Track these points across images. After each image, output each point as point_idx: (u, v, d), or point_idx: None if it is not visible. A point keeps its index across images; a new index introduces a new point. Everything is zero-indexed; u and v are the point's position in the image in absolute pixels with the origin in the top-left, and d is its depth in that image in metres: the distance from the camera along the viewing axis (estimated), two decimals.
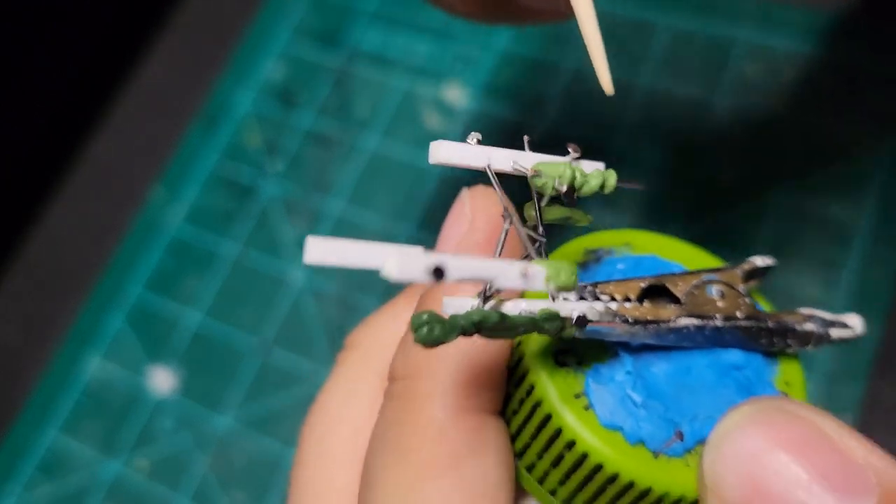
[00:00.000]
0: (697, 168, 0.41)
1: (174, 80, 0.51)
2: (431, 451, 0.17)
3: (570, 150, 0.18)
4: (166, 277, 0.45)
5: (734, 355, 0.18)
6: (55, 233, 0.49)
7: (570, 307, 0.16)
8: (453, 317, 0.14)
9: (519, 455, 0.18)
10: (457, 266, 0.13)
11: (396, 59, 0.47)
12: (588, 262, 0.19)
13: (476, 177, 0.44)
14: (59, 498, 0.41)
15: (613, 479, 0.16)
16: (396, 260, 0.13)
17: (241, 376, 0.42)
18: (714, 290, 0.18)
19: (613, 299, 0.17)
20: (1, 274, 0.48)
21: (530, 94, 0.44)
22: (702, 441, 0.16)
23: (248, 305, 0.43)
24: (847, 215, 0.38)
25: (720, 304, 0.18)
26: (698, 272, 0.18)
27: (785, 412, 0.15)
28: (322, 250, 0.13)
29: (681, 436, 0.16)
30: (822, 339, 0.19)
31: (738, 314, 0.18)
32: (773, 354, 0.18)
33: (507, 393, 0.18)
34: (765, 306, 0.19)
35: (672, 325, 0.17)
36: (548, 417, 0.17)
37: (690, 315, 0.17)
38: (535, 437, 0.17)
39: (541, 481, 0.17)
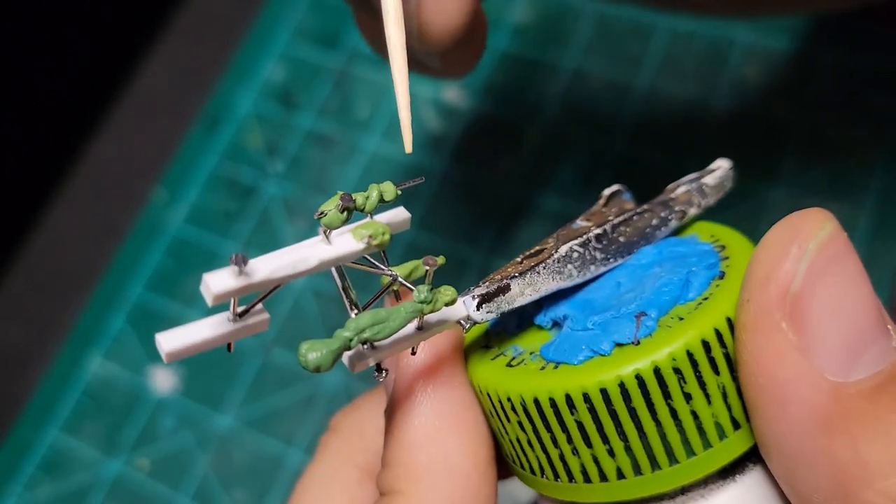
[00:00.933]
0: (696, 168, 0.41)
1: (175, 82, 0.51)
2: None
3: (426, 266, 0.17)
4: (167, 278, 0.45)
5: (647, 253, 0.18)
6: (57, 233, 0.49)
7: (461, 299, 0.17)
8: (335, 335, 0.15)
9: (507, 455, 0.18)
10: (262, 265, 0.15)
11: None
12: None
13: (476, 177, 0.44)
14: (61, 497, 0.41)
15: (622, 386, 0.16)
16: (207, 283, 0.14)
17: (241, 376, 0.42)
18: (579, 221, 0.19)
19: (500, 277, 0.18)
20: (2, 274, 0.48)
21: (530, 94, 0.45)
22: (660, 308, 0.16)
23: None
24: (846, 215, 0.38)
25: (587, 223, 0.19)
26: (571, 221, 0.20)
27: (852, 249, 0.15)
28: (169, 345, 0.14)
29: (642, 315, 0.16)
30: (702, 192, 0.20)
31: (610, 218, 0.19)
32: (678, 231, 0.19)
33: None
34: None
35: (556, 255, 0.18)
36: (509, 400, 0.17)
37: (567, 240, 0.18)
38: (504, 419, 0.17)
39: (533, 471, 0.17)
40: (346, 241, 0.16)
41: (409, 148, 0.19)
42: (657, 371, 0.15)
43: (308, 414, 0.40)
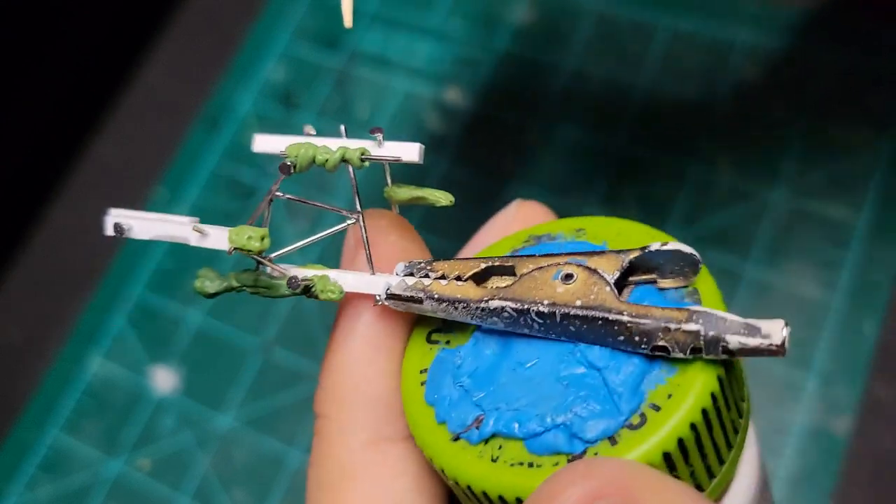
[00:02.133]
0: (697, 168, 0.41)
1: (176, 82, 0.51)
2: (339, 485, 0.17)
3: (372, 133, 0.18)
4: (168, 277, 0.45)
5: (596, 352, 0.15)
6: (57, 233, 0.49)
7: (386, 280, 0.17)
8: (227, 275, 0.17)
9: None
10: (139, 228, 0.18)
11: (397, 61, 0.47)
12: (525, 246, 0.18)
13: (476, 177, 0.44)
14: (61, 497, 0.41)
15: (422, 451, 0.16)
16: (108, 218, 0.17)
17: (242, 375, 0.42)
18: (561, 274, 0.16)
19: (443, 277, 0.17)
20: (3, 274, 0.48)
21: (530, 94, 0.45)
22: (500, 434, 0.15)
23: (248, 305, 0.43)
24: (846, 215, 0.38)
25: (560, 289, 0.16)
26: (569, 254, 0.17)
27: (615, 486, 0.13)
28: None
29: (479, 423, 0.16)
30: (716, 345, 0.14)
31: (578, 302, 0.15)
32: (667, 359, 0.15)
33: None
34: (712, 303, 0.16)
35: (483, 305, 0.16)
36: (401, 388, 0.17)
37: (507, 298, 0.16)
38: None
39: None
40: (217, 237, 0.18)
41: (349, 22, 0.19)
42: (441, 471, 0.16)
43: (308, 414, 0.40)
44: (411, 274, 0.17)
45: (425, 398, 0.17)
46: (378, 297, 0.17)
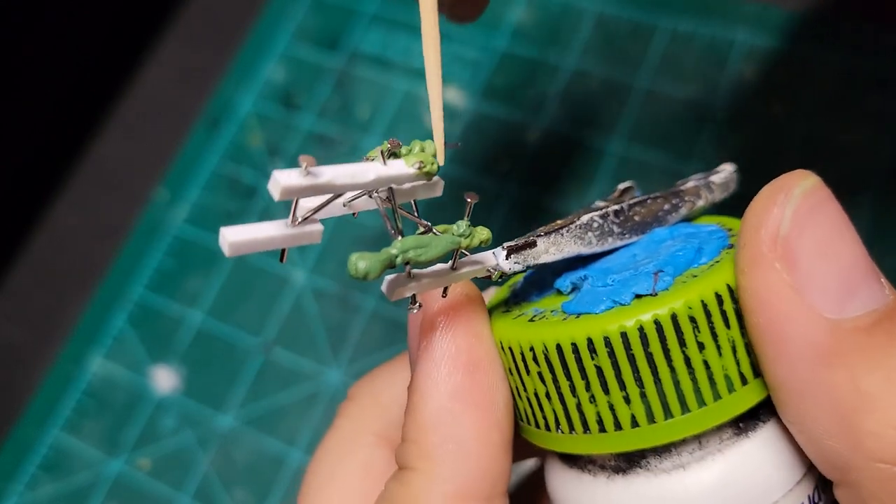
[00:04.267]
0: (696, 168, 0.41)
1: (176, 82, 0.51)
2: None
3: (468, 199, 0.18)
4: (168, 277, 0.45)
5: (659, 233, 0.20)
6: (58, 233, 0.49)
7: (493, 252, 0.18)
8: (382, 250, 0.16)
9: (525, 419, 0.18)
10: (326, 171, 0.17)
11: (397, 61, 0.47)
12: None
13: (476, 177, 0.44)
14: (62, 496, 0.41)
15: (641, 331, 0.16)
16: (276, 179, 0.15)
17: (242, 375, 0.42)
18: (598, 202, 0.21)
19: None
20: (5, 273, 0.48)
21: (530, 94, 0.45)
22: (681, 266, 0.17)
23: (249, 305, 0.43)
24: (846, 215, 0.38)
25: (605, 204, 0.20)
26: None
27: (834, 198, 0.17)
28: (233, 238, 0.15)
29: (659, 272, 0.17)
30: (709, 188, 0.22)
31: (626, 200, 0.20)
32: (690, 219, 0.21)
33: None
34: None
35: (579, 222, 0.19)
36: (529, 347, 0.17)
37: (589, 211, 0.19)
38: (524, 379, 0.18)
39: (556, 427, 0.18)
40: (399, 165, 0.18)
41: (441, 160, 0.19)
42: (674, 318, 0.16)
43: (309, 413, 0.40)
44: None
45: (597, 312, 0.17)
46: (492, 271, 0.18)
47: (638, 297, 0.17)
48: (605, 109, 0.43)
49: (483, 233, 0.18)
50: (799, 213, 0.16)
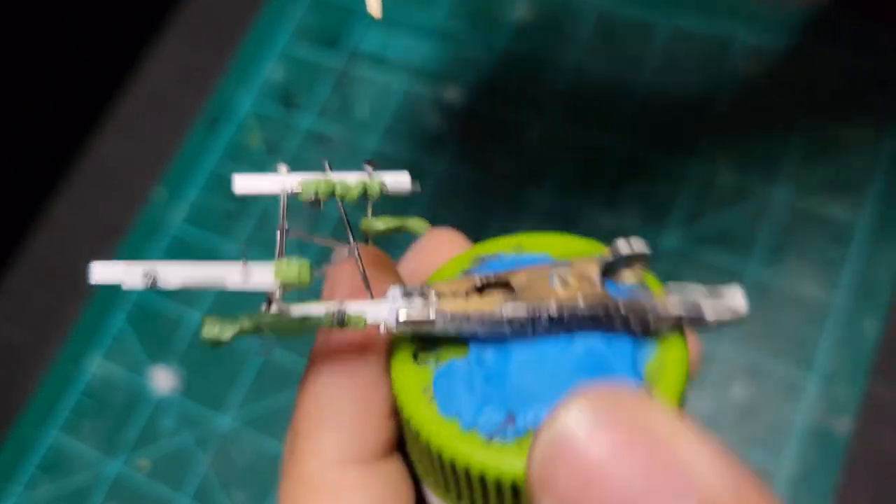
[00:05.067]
0: (697, 167, 0.41)
1: (176, 82, 0.51)
2: (305, 500, 0.19)
3: (365, 166, 0.19)
4: None
5: (593, 340, 0.17)
6: (57, 233, 0.49)
7: (389, 306, 0.17)
8: (237, 317, 0.16)
9: (410, 445, 0.19)
10: (170, 273, 0.15)
11: (396, 60, 0.47)
12: (472, 267, 0.20)
13: (476, 176, 0.44)
14: (61, 497, 0.41)
15: (452, 464, 0.17)
16: (114, 270, 0.15)
17: (241, 376, 0.42)
18: (556, 279, 0.18)
19: (441, 296, 0.18)
20: (4, 273, 0.48)
21: (530, 93, 0.44)
22: (535, 426, 0.16)
23: (248, 305, 0.43)
24: (846, 215, 0.38)
25: (562, 293, 0.17)
26: (550, 265, 0.18)
27: (617, 409, 0.14)
28: (101, 271, 0.15)
29: (512, 420, 0.16)
30: (697, 323, 0.17)
31: (580, 301, 0.17)
32: (650, 335, 0.17)
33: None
34: (652, 286, 0.18)
35: (497, 317, 0.17)
36: (402, 411, 0.17)
37: (518, 306, 0.17)
38: (406, 430, 0.18)
39: (426, 474, 0.18)
40: (262, 274, 0.17)
41: (376, 12, 0.18)
42: (480, 477, 0.16)
43: None
44: (408, 296, 0.18)
45: (441, 413, 0.17)
46: (386, 325, 0.17)
47: (486, 436, 0.16)
48: (606, 108, 0.43)
49: (356, 320, 0.17)
50: (554, 444, 0.14)
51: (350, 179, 0.19)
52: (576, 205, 0.41)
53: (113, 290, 0.45)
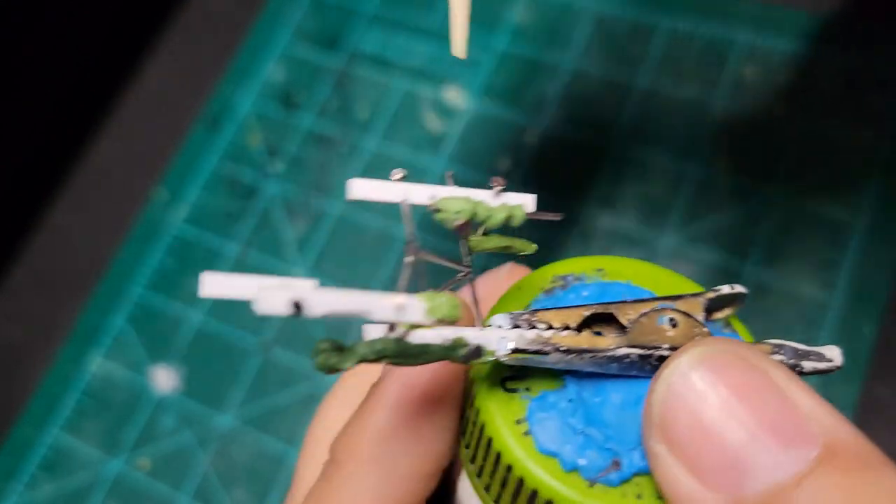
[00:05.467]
0: (696, 168, 0.41)
1: (176, 82, 0.51)
2: None
3: (492, 184, 0.18)
4: (168, 277, 0.45)
5: None
6: (58, 233, 0.49)
7: (499, 335, 0.16)
8: (354, 344, 0.15)
9: (478, 474, 0.18)
10: (317, 301, 0.14)
11: (396, 61, 0.47)
12: (555, 288, 0.19)
13: (476, 177, 0.44)
14: (61, 496, 0.41)
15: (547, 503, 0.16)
16: (258, 296, 0.14)
17: (242, 375, 0.42)
18: (666, 320, 0.17)
19: (551, 327, 0.17)
20: (4, 273, 0.48)
21: (530, 94, 0.45)
22: (640, 472, 0.16)
23: (248, 305, 0.43)
24: (845, 215, 0.38)
25: (670, 333, 0.17)
26: (654, 300, 0.18)
27: (737, 356, 0.15)
28: (212, 284, 0.14)
29: (618, 465, 0.16)
30: (793, 370, 0.18)
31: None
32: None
33: (464, 409, 0.18)
34: (742, 335, 0.19)
35: (611, 354, 0.17)
36: (490, 441, 0.17)
37: (632, 345, 0.17)
38: (485, 458, 0.17)
39: (496, 501, 0.17)
40: (414, 310, 0.15)
41: (461, 52, 0.18)
42: None
43: (308, 413, 0.40)
44: (517, 326, 0.17)
45: (538, 448, 0.16)
46: (495, 354, 0.17)
47: (589, 481, 0.16)
48: (605, 109, 0.43)
49: (482, 365, 0.16)
50: (675, 389, 0.15)
51: (488, 201, 0.18)
52: (575, 205, 0.41)
53: (113, 290, 0.45)
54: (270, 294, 0.14)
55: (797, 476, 0.13)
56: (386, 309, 0.14)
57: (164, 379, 0.43)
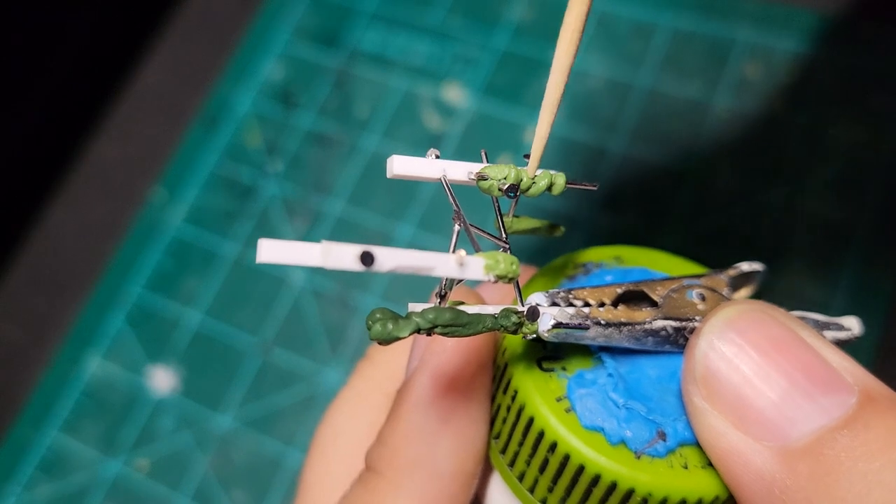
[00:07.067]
0: (697, 168, 0.41)
1: (174, 81, 0.51)
2: None
3: (525, 158, 0.18)
4: (166, 277, 0.45)
5: None
6: (56, 233, 0.49)
7: (540, 311, 0.16)
8: (409, 314, 0.15)
9: (510, 464, 0.18)
10: (388, 255, 0.14)
11: (396, 60, 0.47)
12: (577, 274, 0.19)
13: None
14: (60, 497, 0.41)
15: (596, 480, 0.16)
16: (324, 247, 0.13)
17: (241, 376, 0.42)
18: (695, 294, 0.18)
19: (587, 304, 0.17)
20: (2, 273, 0.48)
21: (530, 94, 0.44)
22: (685, 442, 0.16)
23: (248, 305, 0.43)
24: (846, 215, 0.38)
25: (700, 306, 0.18)
26: (680, 278, 0.19)
27: (769, 315, 0.15)
28: (271, 250, 0.14)
29: (663, 436, 0.16)
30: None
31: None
32: None
33: (494, 399, 0.18)
34: None
35: (648, 326, 0.17)
36: (531, 421, 0.17)
37: (667, 317, 0.17)
38: (521, 443, 0.17)
39: (531, 490, 0.17)
40: (474, 267, 0.15)
41: (533, 172, 0.18)
42: (629, 493, 0.16)
43: (307, 414, 0.40)
44: (555, 304, 0.17)
45: (583, 424, 0.16)
46: (539, 329, 0.17)
47: (637, 453, 0.16)
48: (607, 108, 0.43)
49: (530, 328, 0.16)
50: (713, 348, 0.15)
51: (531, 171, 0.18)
52: (576, 205, 0.41)
53: (112, 290, 0.45)
54: (339, 247, 0.13)
55: (842, 420, 0.14)
56: (449, 264, 0.15)
57: (163, 379, 0.42)
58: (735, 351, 0.15)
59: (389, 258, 0.14)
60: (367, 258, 0.13)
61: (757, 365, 0.15)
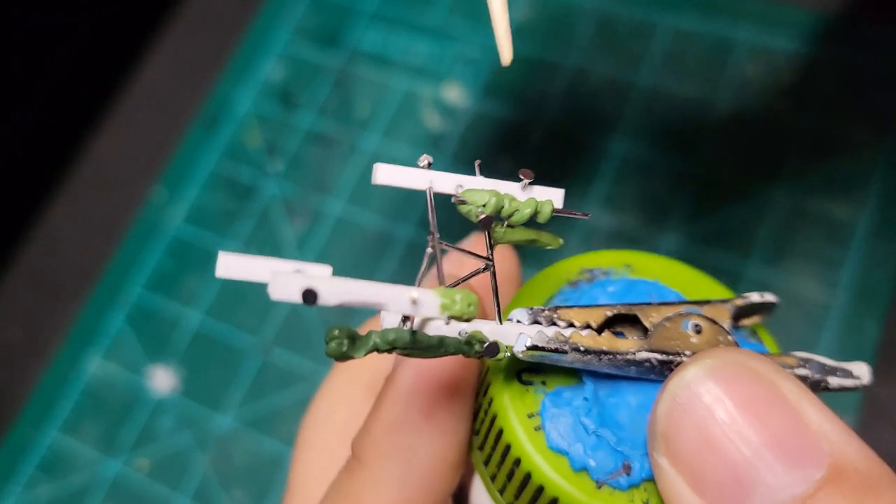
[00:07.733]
0: (697, 168, 0.41)
1: (174, 81, 0.51)
2: None
3: (521, 176, 0.17)
4: (167, 277, 0.45)
5: None
6: (56, 233, 0.49)
7: (517, 331, 0.16)
8: (369, 333, 0.15)
9: (485, 463, 0.18)
10: (330, 290, 0.13)
11: (396, 60, 0.47)
12: (580, 281, 0.19)
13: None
14: (60, 497, 0.41)
15: (554, 502, 0.16)
16: (272, 281, 0.13)
17: (241, 376, 0.42)
18: (690, 325, 0.17)
19: (571, 325, 0.17)
20: (2, 274, 0.48)
21: (530, 94, 0.44)
22: (650, 478, 0.16)
23: (248, 305, 0.43)
24: (847, 215, 0.38)
25: (693, 339, 0.17)
26: (680, 303, 0.18)
27: (746, 368, 0.14)
28: (227, 265, 0.13)
29: (628, 469, 0.16)
30: (817, 387, 0.17)
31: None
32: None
33: (476, 397, 0.18)
34: (769, 346, 0.18)
35: (630, 357, 0.16)
36: (500, 432, 0.17)
37: (653, 350, 0.17)
38: (493, 448, 0.17)
39: (500, 492, 0.17)
40: (429, 305, 0.14)
41: (507, 59, 0.17)
42: None
43: None
44: (536, 322, 0.17)
45: (549, 445, 0.16)
46: (513, 350, 0.16)
47: (597, 482, 0.16)
48: (607, 108, 0.43)
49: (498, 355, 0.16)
50: (675, 409, 0.14)
51: (515, 194, 0.17)
52: (576, 205, 0.41)
53: (112, 290, 0.45)
54: (284, 280, 0.13)
55: (801, 498, 0.13)
56: (400, 302, 0.14)
57: (163, 379, 0.42)
58: (702, 410, 0.14)
59: (334, 294, 0.13)
60: (309, 296, 0.13)
61: (724, 426, 0.14)
